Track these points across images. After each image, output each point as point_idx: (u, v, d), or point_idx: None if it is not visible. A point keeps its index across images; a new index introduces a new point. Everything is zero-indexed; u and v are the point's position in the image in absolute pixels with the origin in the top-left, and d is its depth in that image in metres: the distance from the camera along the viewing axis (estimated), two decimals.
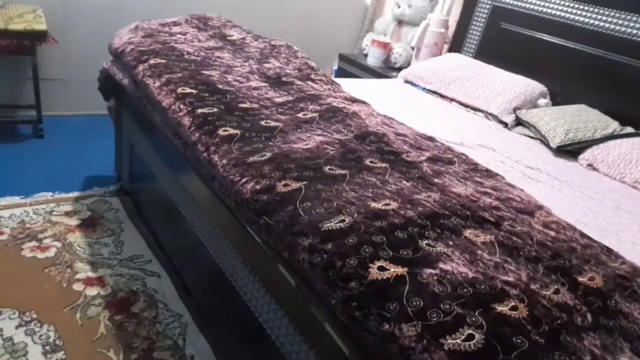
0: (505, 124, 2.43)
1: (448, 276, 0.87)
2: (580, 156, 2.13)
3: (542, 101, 2.55)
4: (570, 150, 2.16)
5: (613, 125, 2.23)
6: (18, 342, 1.51)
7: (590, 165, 2.08)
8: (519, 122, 2.42)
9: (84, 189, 2.38)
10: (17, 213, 2.10)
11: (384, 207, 1.04)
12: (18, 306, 1.63)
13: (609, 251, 1.07)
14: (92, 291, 1.76)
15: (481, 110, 2.54)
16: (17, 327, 1.55)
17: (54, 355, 1.48)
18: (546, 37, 2.69)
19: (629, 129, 2.23)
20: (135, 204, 2.30)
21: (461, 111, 2.56)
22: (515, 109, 2.45)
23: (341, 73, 3.54)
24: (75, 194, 2.32)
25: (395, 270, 0.87)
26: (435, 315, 0.79)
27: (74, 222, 2.12)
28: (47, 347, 1.50)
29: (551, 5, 2.65)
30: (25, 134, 2.79)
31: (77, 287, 1.77)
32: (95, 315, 1.66)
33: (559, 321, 0.81)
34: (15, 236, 1.96)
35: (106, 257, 1.95)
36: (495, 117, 2.47)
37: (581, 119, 2.24)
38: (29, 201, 2.20)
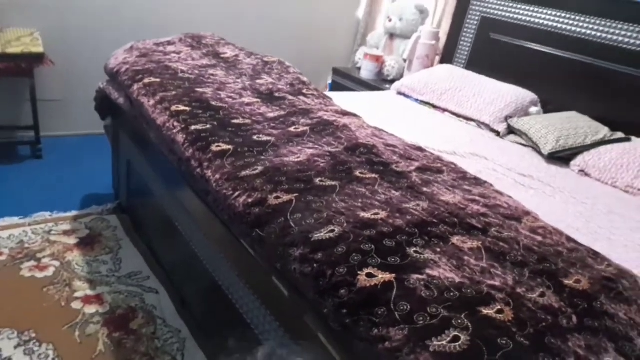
0: (498, 133, 2.46)
1: (435, 281, 0.88)
2: (572, 162, 2.15)
3: (533, 109, 2.58)
4: (562, 157, 2.18)
5: (603, 131, 2.26)
6: None
7: (582, 171, 2.11)
8: (510, 130, 2.45)
9: (82, 207, 2.40)
10: (16, 233, 2.12)
11: (373, 217, 1.07)
12: (17, 326, 1.64)
13: (595, 254, 1.09)
14: (90, 309, 1.77)
15: (473, 120, 2.57)
16: (16, 347, 1.56)
17: None
18: (535, 47, 2.73)
19: (619, 134, 2.26)
20: (133, 221, 2.32)
21: (454, 121, 2.59)
22: (506, 118, 2.49)
23: (336, 87, 3.59)
24: (73, 213, 2.34)
25: (383, 276, 0.89)
26: (421, 318, 0.80)
27: (72, 241, 2.14)
28: None
29: (539, 15, 2.70)
30: (24, 154, 2.82)
31: (76, 305, 1.78)
32: (94, 333, 1.67)
33: (544, 323, 0.82)
34: (14, 256, 1.98)
35: (104, 275, 1.96)
36: (488, 126, 2.50)
37: (572, 125, 2.26)
38: (28, 221, 2.22)
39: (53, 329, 1.65)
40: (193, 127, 1.48)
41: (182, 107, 1.60)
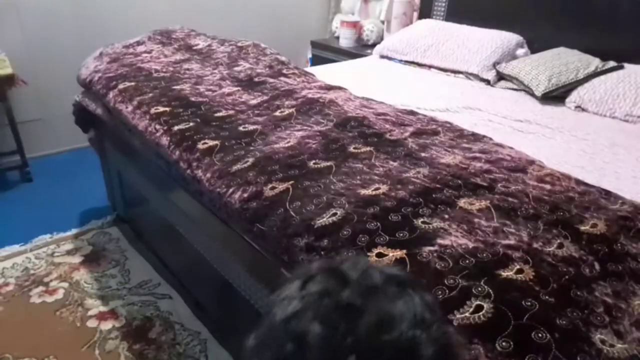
0: (488, 81, 2.39)
1: (448, 250, 0.85)
2: (567, 99, 2.10)
3: (520, 51, 2.51)
4: (556, 96, 2.13)
5: (595, 63, 2.20)
6: None
7: (578, 106, 2.06)
8: (500, 76, 2.39)
9: (82, 224, 2.36)
10: (19, 261, 2.09)
11: (374, 193, 1.03)
12: (36, 354, 1.62)
13: (607, 194, 1.05)
14: (106, 325, 1.75)
15: (461, 72, 2.50)
16: None
17: None
18: None
19: (611, 63, 2.20)
20: (135, 229, 2.28)
21: (441, 76, 2.53)
22: (494, 64, 2.42)
23: (316, 60, 3.49)
24: (73, 231, 2.30)
25: (393, 254, 0.86)
26: (440, 292, 0.77)
27: (77, 259, 2.11)
28: None
29: None
30: (13, 180, 2.76)
31: (91, 323, 1.76)
32: (114, 349, 1.65)
33: (566, 276, 0.79)
34: (22, 284, 1.95)
35: (115, 289, 1.93)
36: (476, 76, 2.44)
37: (562, 62, 2.20)
38: (29, 247, 2.18)
39: (73, 351, 1.64)
40: (176, 128, 1.43)
41: (161, 108, 1.54)
